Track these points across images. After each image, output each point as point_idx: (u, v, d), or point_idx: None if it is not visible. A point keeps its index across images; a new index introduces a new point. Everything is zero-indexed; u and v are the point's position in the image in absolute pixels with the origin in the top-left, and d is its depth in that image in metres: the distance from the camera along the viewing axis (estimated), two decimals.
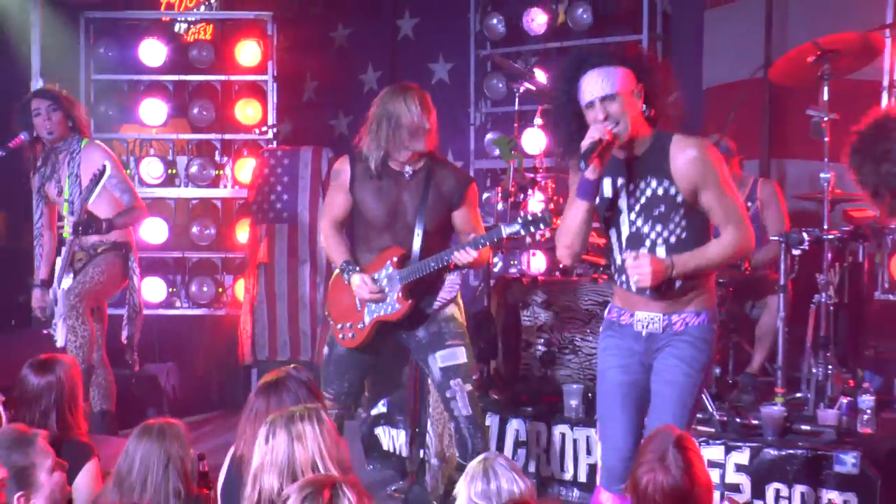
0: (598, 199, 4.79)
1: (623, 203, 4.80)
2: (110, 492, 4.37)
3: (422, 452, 7.32)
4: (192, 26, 10.60)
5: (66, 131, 7.31)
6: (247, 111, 10.07)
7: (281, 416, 4.03)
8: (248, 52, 10.06)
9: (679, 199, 4.67)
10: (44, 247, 7.59)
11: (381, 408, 7.94)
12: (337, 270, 6.12)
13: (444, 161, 6.28)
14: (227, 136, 10.10)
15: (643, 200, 4.74)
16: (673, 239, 4.72)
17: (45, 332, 7.29)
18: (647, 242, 4.74)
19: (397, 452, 7.74)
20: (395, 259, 5.90)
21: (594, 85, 4.59)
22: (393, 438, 7.82)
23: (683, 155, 4.62)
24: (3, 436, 4.09)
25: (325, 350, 6.30)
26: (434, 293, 6.04)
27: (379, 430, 7.92)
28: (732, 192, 4.78)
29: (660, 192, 4.69)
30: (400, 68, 11.14)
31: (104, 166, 6.85)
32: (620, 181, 4.78)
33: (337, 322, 6.17)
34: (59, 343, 6.96)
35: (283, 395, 4.45)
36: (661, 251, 4.70)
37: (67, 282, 7.11)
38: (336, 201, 6.15)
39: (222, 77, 10.18)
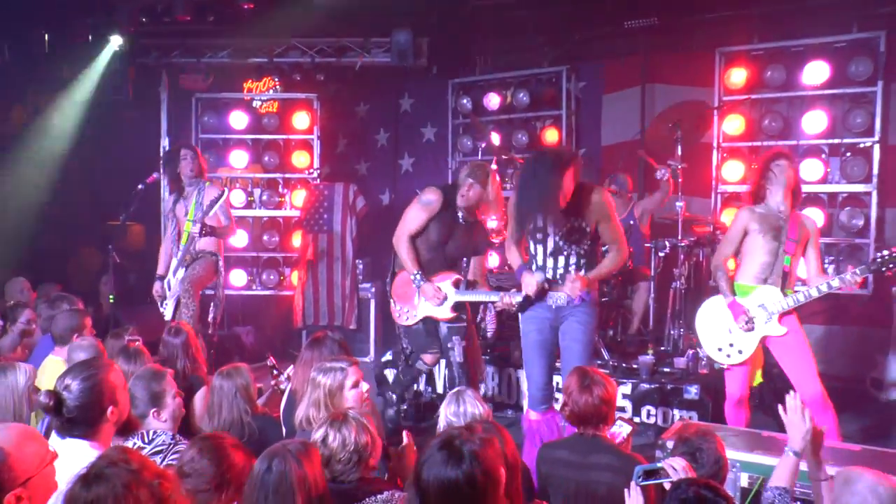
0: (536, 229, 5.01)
1: (551, 230, 4.96)
2: (205, 416, 4.53)
3: (414, 386, 7.41)
4: (264, 103, 10.50)
5: (197, 173, 7.34)
6: (300, 159, 10.03)
7: (322, 364, 4.13)
8: (301, 120, 10.03)
9: (587, 228, 4.90)
10: (163, 251, 7.52)
11: (388, 356, 7.87)
12: (412, 276, 5.89)
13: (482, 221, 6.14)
14: (287, 175, 10.05)
15: (565, 231, 4.92)
16: (581, 252, 4.94)
17: (161, 310, 7.30)
18: (564, 253, 4.95)
19: None
20: (453, 280, 5.89)
21: None
22: (395, 376, 7.82)
23: (589, 199, 4.86)
24: (146, 373, 4.10)
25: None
26: (465, 309, 6.04)
27: (386, 371, 7.90)
28: (617, 222, 5.02)
29: (576, 224, 4.90)
30: (401, 132, 11.12)
31: (223, 191, 6.99)
32: (550, 218, 4.93)
33: (397, 304, 6.13)
34: (167, 317, 7.08)
35: (323, 349, 4.60)
36: (572, 259, 4.91)
37: (181, 273, 7.19)
38: (420, 220, 5.88)
39: (284, 136, 10.12)
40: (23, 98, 8.55)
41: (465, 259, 6.10)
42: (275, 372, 5.43)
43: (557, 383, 5.53)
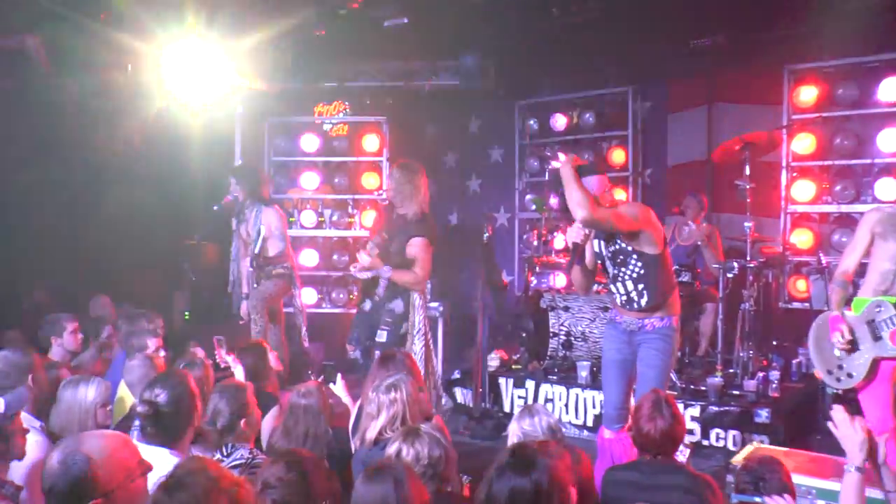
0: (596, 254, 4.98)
1: (603, 254, 4.92)
2: (279, 437, 4.45)
3: (482, 405, 7.35)
4: (334, 126, 10.59)
5: (248, 196, 7.41)
6: (369, 180, 10.02)
7: (381, 384, 4.12)
8: (370, 142, 10.04)
9: (630, 248, 4.76)
10: (242, 271, 7.62)
11: (456, 375, 7.88)
12: None
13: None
14: (357, 196, 10.03)
15: (611, 253, 4.84)
16: (634, 275, 4.81)
17: (241, 322, 7.47)
18: (620, 279, 4.87)
19: (466, 404, 7.70)
20: None
21: None
22: (464, 395, 7.78)
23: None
24: (229, 386, 4.22)
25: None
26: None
27: (455, 390, 7.86)
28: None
29: (619, 247, 4.80)
30: (469, 152, 11.11)
31: (261, 230, 7.12)
32: (602, 242, 4.90)
33: None
34: (251, 332, 7.17)
35: (392, 366, 4.56)
36: (629, 284, 4.81)
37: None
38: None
39: (353, 158, 10.13)
40: (105, 124, 8.75)
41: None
42: None
43: None
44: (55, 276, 8.37)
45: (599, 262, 5.00)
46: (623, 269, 4.83)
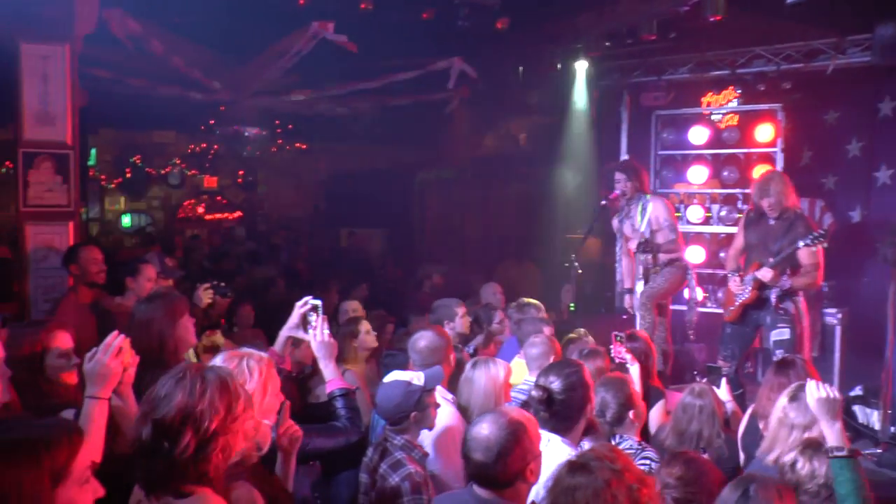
0: None
1: None
2: (670, 436, 4.32)
3: (891, 429, 6.30)
4: (723, 116, 10.04)
5: (634, 191, 7.26)
6: (761, 172, 9.23)
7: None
8: (763, 132, 9.20)
9: None
10: (625, 266, 7.67)
11: (857, 391, 6.88)
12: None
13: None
14: (747, 191, 8.96)
15: None
16: None
17: (623, 317, 7.50)
18: None
19: (870, 426, 6.63)
20: (753, 269, 6.22)
21: None
22: (867, 415, 6.71)
23: None
24: (614, 380, 4.22)
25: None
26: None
27: (855, 408, 6.82)
28: None
29: None
30: (878, 140, 9.63)
31: (649, 221, 7.13)
32: None
33: (726, 306, 6.57)
34: (638, 326, 7.06)
35: (790, 372, 4.21)
36: None
37: (640, 286, 7.21)
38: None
39: (744, 150, 9.45)
40: (494, 125, 9.08)
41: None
42: None
43: None
44: (446, 264, 8.80)
45: None
46: None
